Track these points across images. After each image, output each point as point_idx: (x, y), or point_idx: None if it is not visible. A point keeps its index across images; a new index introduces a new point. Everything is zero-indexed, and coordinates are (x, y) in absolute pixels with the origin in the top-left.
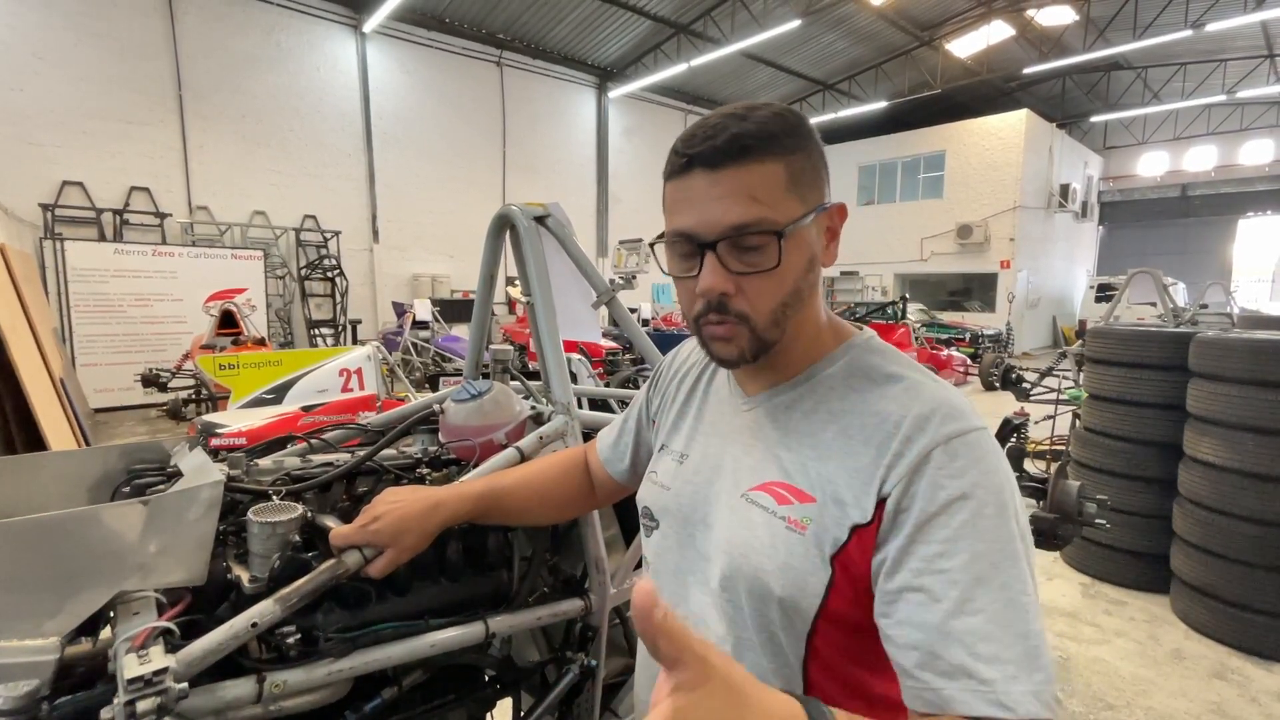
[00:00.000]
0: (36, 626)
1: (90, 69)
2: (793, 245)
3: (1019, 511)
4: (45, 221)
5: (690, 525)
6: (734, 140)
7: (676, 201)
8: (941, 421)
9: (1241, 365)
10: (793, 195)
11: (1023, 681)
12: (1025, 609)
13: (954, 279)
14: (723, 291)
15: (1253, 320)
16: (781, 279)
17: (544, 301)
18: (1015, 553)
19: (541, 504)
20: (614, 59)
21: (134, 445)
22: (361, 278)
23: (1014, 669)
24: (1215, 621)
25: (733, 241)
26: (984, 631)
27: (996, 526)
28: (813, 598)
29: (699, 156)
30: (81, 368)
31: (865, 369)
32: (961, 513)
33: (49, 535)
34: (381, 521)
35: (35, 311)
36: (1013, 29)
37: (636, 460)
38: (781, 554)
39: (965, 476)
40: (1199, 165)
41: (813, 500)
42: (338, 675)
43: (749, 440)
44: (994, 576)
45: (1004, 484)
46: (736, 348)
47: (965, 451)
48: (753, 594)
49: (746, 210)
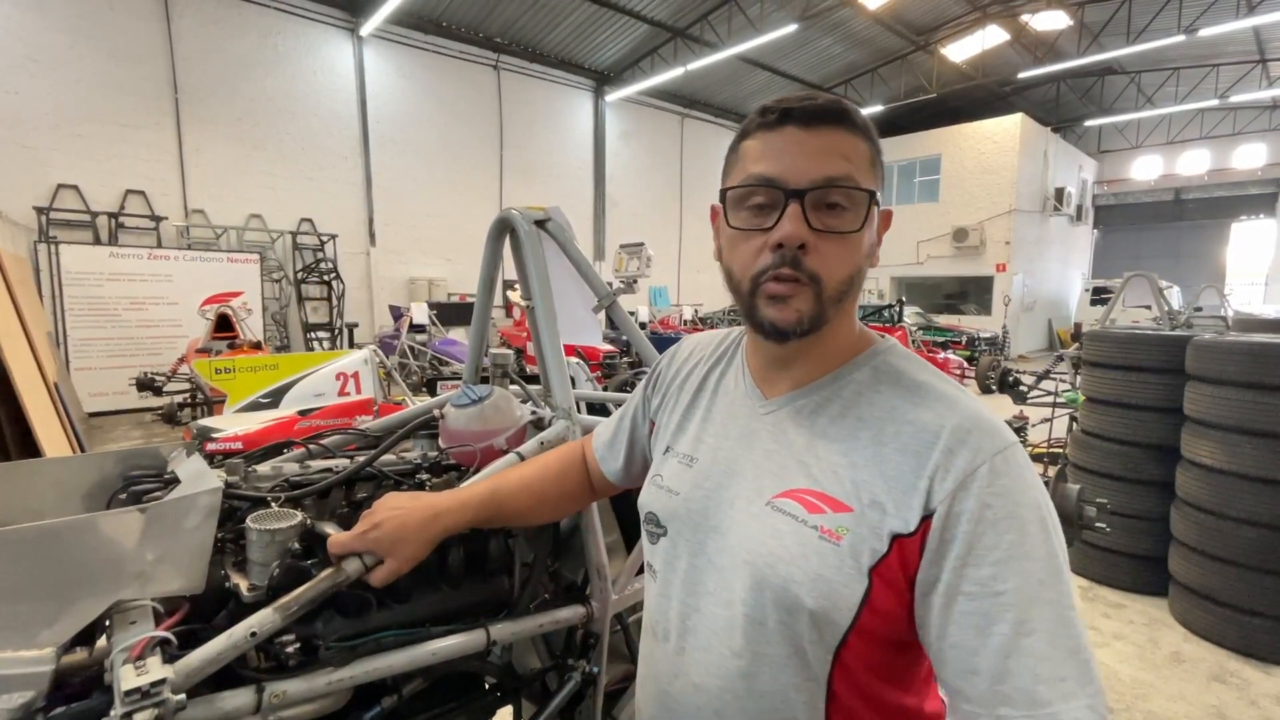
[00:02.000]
0: (32, 637)
1: (85, 72)
2: (870, 220)
3: (1057, 525)
4: (40, 225)
5: (701, 532)
6: (833, 104)
7: (761, 151)
8: (982, 436)
9: (1238, 368)
10: (874, 173)
11: (1079, 697)
12: (1074, 624)
13: (950, 282)
14: (804, 242)
15: (1247, 323)
16: (857, 247)
17: (544, 305)
18: (1059, 568)
19: (541, 505)
20: (611, 63)
21: (130, 451)
22: (358, 281)
23: (1071, 685)
24: (1214, 624)
25: (820, 196)
26: (1041, 652)
27: (1042, 543)
28: (847, 610)
29: (796, 112)
30: (76, 372)
31: (894, 375)
32: (1010, 532)
33: (45, 544)
34: (380, 530)
35: (29, 315)
36: (1007, 34)
37: (630, 460)
38: (814, 564)
39: (1010, 495)
40: (1192, 169)
41: (849, 509)
42: (338, 685)
43: (770, 445)
44: (1044, 595)
45: (1042, 499)
46: (796, 311)
47: (1007, 469)
48: (781, 606)
49: (839, 166)
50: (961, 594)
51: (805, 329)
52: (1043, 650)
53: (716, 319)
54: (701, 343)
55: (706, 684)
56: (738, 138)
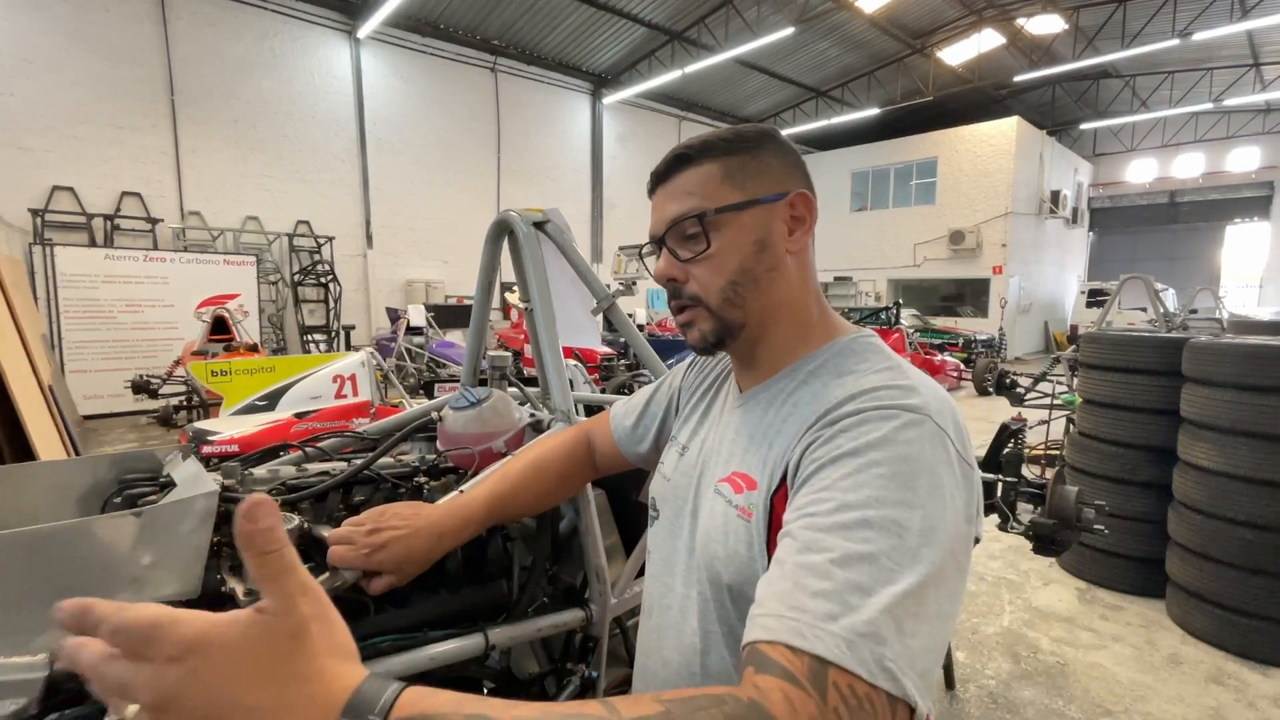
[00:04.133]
0: (24, 642)
1: (81, 73)
2: (727, 229)
3: (930, 492)
4: (35, 227)
5: (680, 516)
6: (675, 155)
7: (651, 216)
8: (868, 398)
9: (1235, 370)
10: (728, 186)
11: (838, 624)
12: (882, 569)
13: (947, 284)
14: (670, 276)
15: (1242, 325)
16: (722, 259)
17: (544, 307)
18: (898, 520)
19: (544, 499)
20: (608, 66)
21: (125, 455)
22: (355, 283)
23: (834, 608)
24: (1211, 626)
25: (675, 233)
26: (820, 569)
27: (883, 488)
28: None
29: (654, 176)
30: (71, 374)
31: (839, 362)
32: (846, 466)
33: (39, 548)
34: (386, 553)
35: (24, 317)
36: (1003, 37)
37: (656, 444)
38: (731, 541)
39: (864, 439)
40: (1187, 172)
41: (756, 485)
42: None
43: (730, 435)
44: (858, 531)
45: (915, 459)
46: (699, 331)
47: (879, 421)
48: (712, 584)
49: (681, 203)
50: (785, 522)
51: (714, 340)
52: (821, 567)
53: None
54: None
55: (671, 659)
56: None
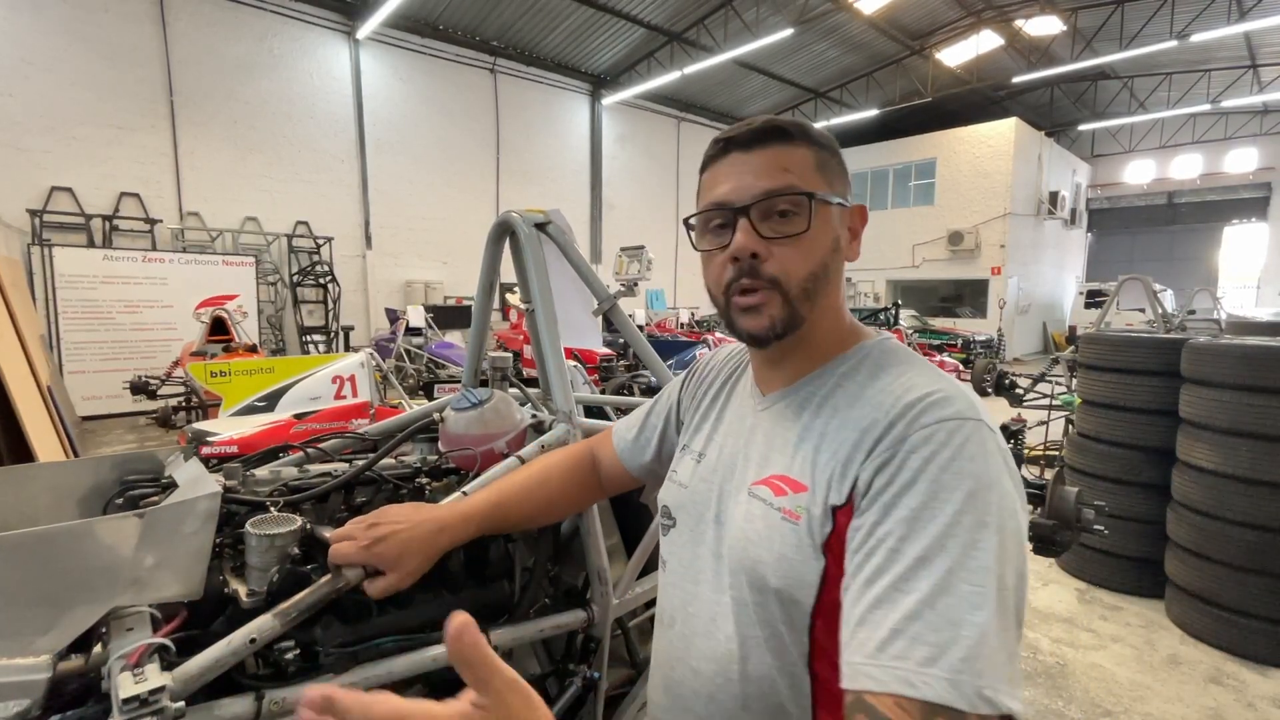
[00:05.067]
0: (28, 644)
1: (80, 74)
2: (821, 219)
3: (998, 504)
4: (33, 227)
5: (703, 523)
6: (769, 124)
7: (712, 180)
8: (926, 409)
9: (1234, 371)
10: (819, 177)
11: (940, 666)
12: (966, 597)
13: (946, 285)
14: (754, 251)
15: (1240, 326)
16: (811, 247)
17: (545, 308)
18: (974, 541)
19: (547, 510)
20: (607, 66)
21: (126, 456)
22: (354, 284)
23: (931, 650)
24: (1210, 626)
25: (764, 207)
26: (911, 610)
27: (957, 511)
28: (809, 588)
29: (735, 140)
30: (69, 375)
31: (873, 364)
32: (922, 495)
33: (42, 549)
34: (385, 545)
35: (22, 318)
36: (1001, 39)
37: (658, 456)
38: (777, 545)
39: (935, 461)
40: (1185, 173)
41: (805, 489)
42: None
43: (760, 438)
44: (938, 560)
45: (980, 472)
46: (767, 317)
47: (943, 437)
48: (754, 588)
49: (779, 178)
50: (863, 550)
51: (780, 332)
52: (913, 608)
53: (713, 322)
54: (730, 352)
55: (702, 668)
56: (700, 171)
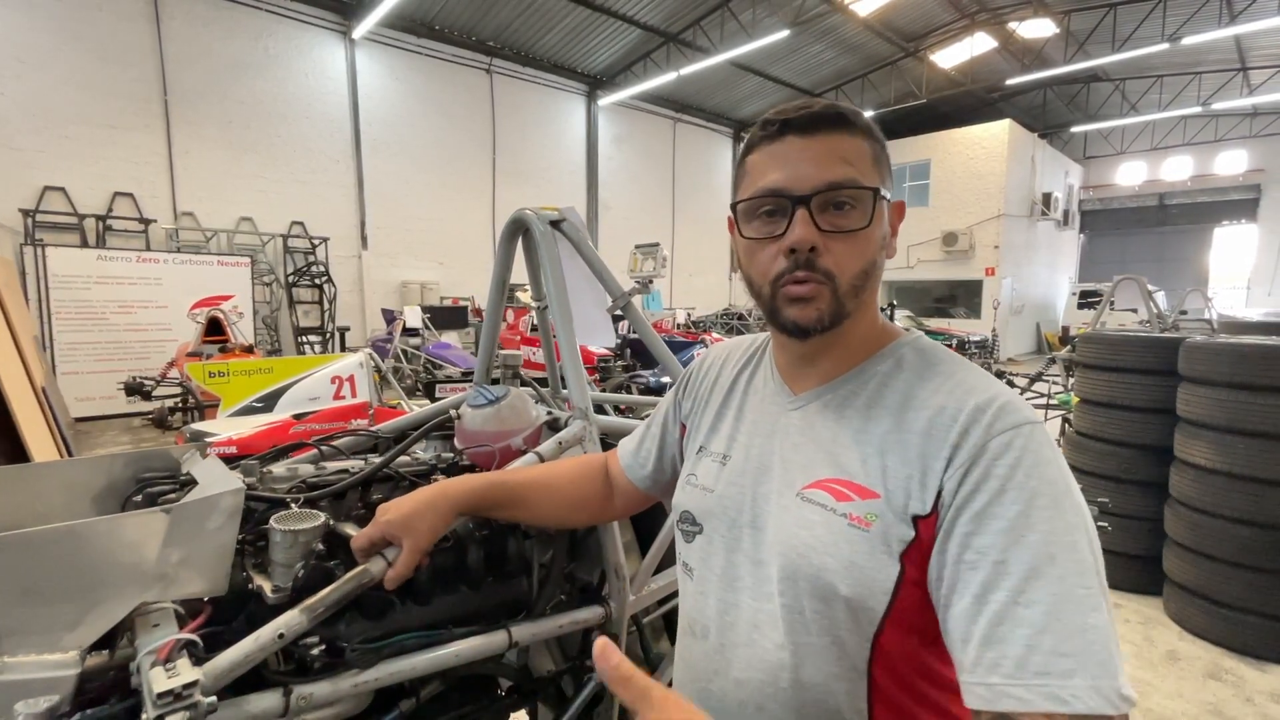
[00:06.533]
0: (56, 640)
1: (73, 73)
2: (878, 215)
3: (1078, 503)
4: (26, 227)
5: (738, 528)
6: (829, 108)
7: (765, 163)
8: (997, 414)
9: (1231, 369)
10: (874, 171)
11: (1080, 675)
12: (1082, 601)
13: (940, 286)
14: (814, 245)
15: (1233, 325)
16: (867, 243)
17: (560, 306)
18: (1073, 544)
19: (554, 501)
20: (603, 67)
21: (141, 453)
22: (350, 284)
23: (1070, 663)
24: (1208, 623)
25: (824, 198)
26: (1038, 623)
27: (1052, 517)
28: (881, 595)
29: (795, 121)
30: (63, 376)
31: (915, 363)
32: (1016, 503)
33: (68, 546)
34: (392, 513)
35: (15, 318)
36: (995, 41)
37: (660, 465)
38: (846, 552)
39: (1020, 467)
40: (1176, 175)
41: (876, 496)
42: (363, 687)
43: (798, 438)
44: (1050, 570)
45: (1059, 476)
46: (816, 310)
47: (1019, 444)
48: (815, 595)
49: (840, 170)
50: (964, 564)
51: (826, 325)
52: (1040, 622)
53: (709, 323)
54: (732, 347)
55: (748, 678)
56: (744, 152)
